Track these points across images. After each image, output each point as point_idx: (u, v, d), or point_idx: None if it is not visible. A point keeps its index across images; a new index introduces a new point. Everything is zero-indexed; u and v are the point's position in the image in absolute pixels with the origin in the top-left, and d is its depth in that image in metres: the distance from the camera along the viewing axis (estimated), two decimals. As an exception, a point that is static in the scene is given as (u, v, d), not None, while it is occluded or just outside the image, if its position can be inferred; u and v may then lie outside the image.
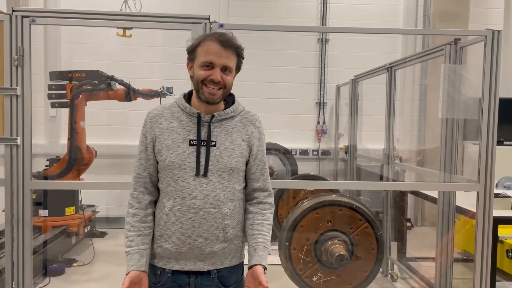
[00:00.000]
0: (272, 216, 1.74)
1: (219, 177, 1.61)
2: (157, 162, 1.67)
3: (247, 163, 1.70)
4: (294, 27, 5.16)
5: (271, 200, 1.75)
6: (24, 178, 2.48)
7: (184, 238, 1.61)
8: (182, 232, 1.60)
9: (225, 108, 1.68)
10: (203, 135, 1.62)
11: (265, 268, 1.61)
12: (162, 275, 1.66)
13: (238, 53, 1.63)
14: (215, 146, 1.62)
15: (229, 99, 1.71)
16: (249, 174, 1.71)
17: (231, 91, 1.69)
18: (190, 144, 1.61)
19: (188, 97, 1.70)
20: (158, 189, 1.70)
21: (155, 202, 1.71)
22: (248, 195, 1.75)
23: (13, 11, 2.42)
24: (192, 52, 1.63)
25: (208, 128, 1.62)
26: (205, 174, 1.59)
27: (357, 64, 5.59)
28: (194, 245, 1.61)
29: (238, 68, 1.66)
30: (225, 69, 1.59)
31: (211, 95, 1.59)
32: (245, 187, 1.75)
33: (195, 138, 1.62)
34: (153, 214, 1.69)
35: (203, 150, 1.61)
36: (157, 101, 4.57)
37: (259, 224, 1.69)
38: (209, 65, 1.57)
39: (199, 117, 1.63)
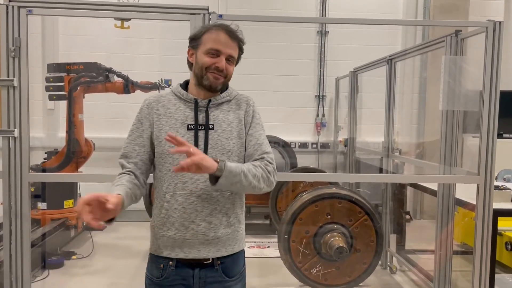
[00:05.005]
0: (263, 172, 1.58)
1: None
2: (152, 152, 1.66)
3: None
4: (293, 18, 5.15)
5: (270, 165, 1.62)
6: (22, 171, 2.48)
7: (188, 223, 1.60)
8: (185, 217, 1.60)
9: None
10: (201, 120, 1.63)
11: (221, 170, 1.46)
12: (165, 269, 1.64)
13: (240, 46, 1.68)
14: (213, 129, 1.63)
15: (223, 86, 1.72)
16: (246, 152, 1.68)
17: None
18: (188, 129, 1.62)
19: (184, 86, 1.72)
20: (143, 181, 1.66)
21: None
22: None
23: (10, 1, 2.40)
24: (197, 39, 1.64)
25: (206, 112, 1.64)
26: None
27: (357, 56, 5.56)
28: (197, 231, 1.60)
29: (237, 61, 1.71)
30: (229, 59, 1.63)
31: (216, 80, 1.61)
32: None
33: (193, 122, 1.62)
34: (141, 187, 1.65)
35: (201, 134, 1.62)
36: (156, 93, 4.55)
37: (246, 164, 1.58)
38: (215, 53, 1.60)
39: (196, 102, 1.64)
